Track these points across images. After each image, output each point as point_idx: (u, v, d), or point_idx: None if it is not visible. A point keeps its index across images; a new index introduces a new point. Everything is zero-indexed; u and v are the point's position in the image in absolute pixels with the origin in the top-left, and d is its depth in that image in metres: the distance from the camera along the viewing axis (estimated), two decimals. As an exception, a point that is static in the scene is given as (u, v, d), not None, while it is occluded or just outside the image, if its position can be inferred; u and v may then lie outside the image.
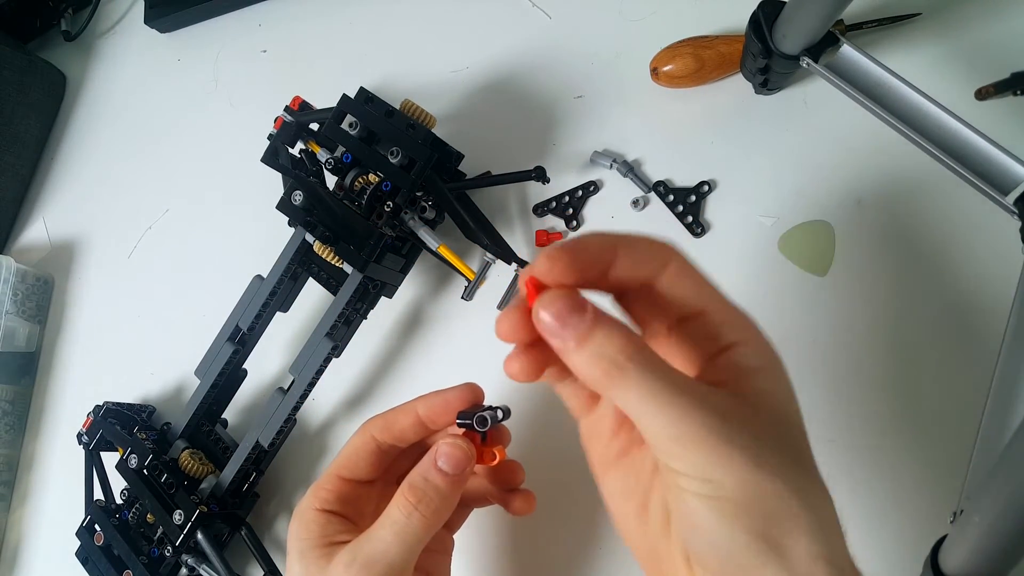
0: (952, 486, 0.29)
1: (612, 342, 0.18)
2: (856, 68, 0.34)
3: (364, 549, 0.24)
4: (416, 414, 0.27)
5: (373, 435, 0.27)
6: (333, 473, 0.27)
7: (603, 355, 0.18)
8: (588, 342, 0.19)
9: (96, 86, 0.67)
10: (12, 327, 0.55)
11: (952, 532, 0.25)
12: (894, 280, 0.35)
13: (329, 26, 0.57)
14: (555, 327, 0.19)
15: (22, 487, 0.54)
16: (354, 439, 0.28)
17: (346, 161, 0.41)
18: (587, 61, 0.46)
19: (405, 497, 0.25)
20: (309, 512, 0.27)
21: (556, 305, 0.19)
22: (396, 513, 0.25)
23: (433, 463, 0.25)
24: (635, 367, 0.18)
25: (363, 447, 0.27)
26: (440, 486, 0.25)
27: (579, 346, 0.19)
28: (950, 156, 0.31)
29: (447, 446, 0.25)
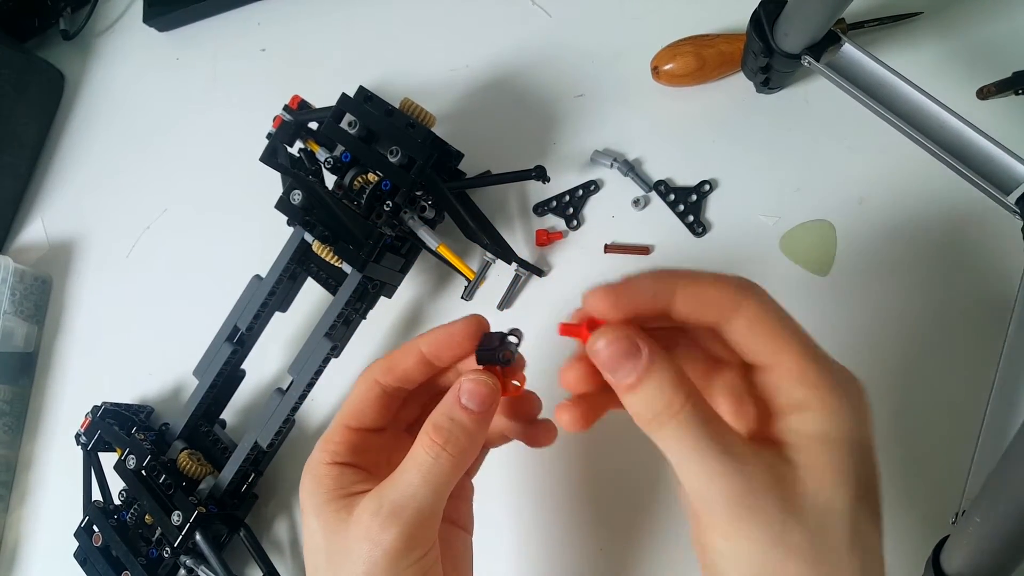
0: (954, 487, 0.29)
1: (662, 393, 0.19)
2: (858, 67, 0.34)
3: (390, 495, 0.23)
4: (420, 352, 0.25)
5: (377, 379, 0.25)
6: (340, 423, 0.26)
7: (650, 404, 0.19)
8: (640, 387, 0.19)
9: (95, 85, 0.66)
10: (10, 327, 0.55)
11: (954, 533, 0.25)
12: (896, 280, 0.35)
13: (328, 24, 0.56)
14: (610, 366, 0.19)
15: (20, 488, 0.54)
16: (358, 386, 0.26)
17: (345, 160, 0.41)
18: (587, 59, 0.46)
19: (431, 438, 0.23)
20: (320, 467, 0.25)
21: (611, 348, 0.19)
22: (422, 455, 0.23)
23: (457, 400, 0.23)
24: (676, 423, 0.19)
25: (368, 393, 0.26)
26: (467, 424, 0.23)
27: (630, 391, 0.19)
28: (952, 155, 0.31)
29: (471, 382, 0.23)
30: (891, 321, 0.35)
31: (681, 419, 0.19)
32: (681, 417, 0.19)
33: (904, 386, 0.34)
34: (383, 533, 0.22)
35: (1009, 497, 0.21)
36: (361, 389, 0.26)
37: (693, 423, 0.18)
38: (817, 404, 0.19)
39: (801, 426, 0.19)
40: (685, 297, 0.19)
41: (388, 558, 0.22)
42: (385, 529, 0.22)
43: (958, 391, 0.33)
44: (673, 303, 0.19)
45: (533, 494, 0.39)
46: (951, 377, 0.33)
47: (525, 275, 0.42)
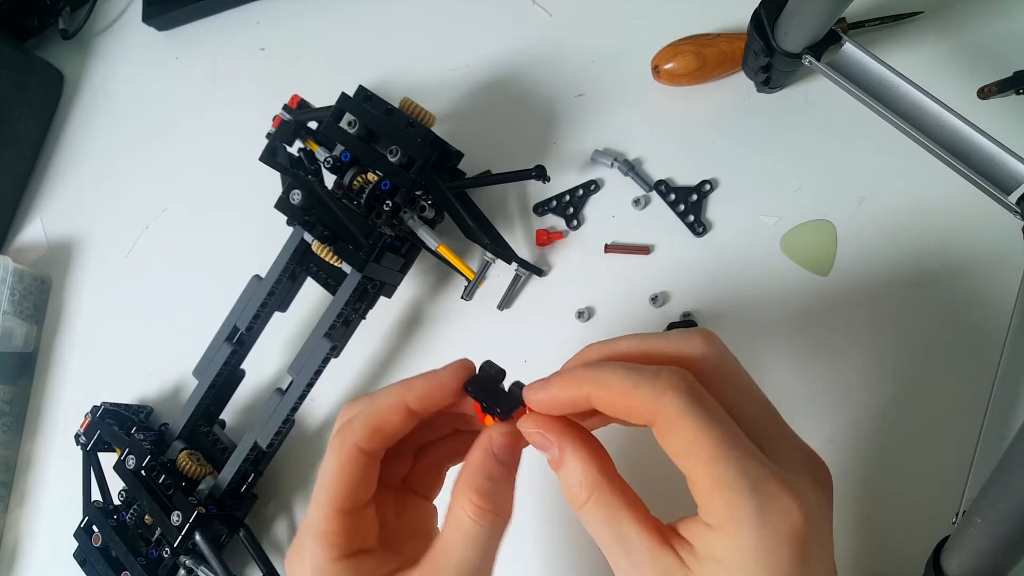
0: (954, 487, 0.29)
1: (570, 485, 0.20)
2: (858, 66, 0.34)
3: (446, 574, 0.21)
4: (406, 408, 0.23)
5: (360, 448, 0.22)
6: (333, 509, 0.22)
7: (569, 487, 0.21)
8: (560, 470, 0.21)
9: (94, 85, 0.66)
10: (9, 327, 0.55)
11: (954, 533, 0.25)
12: (896, 280, 0.35)
13: (328, 24, 0.56)
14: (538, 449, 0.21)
15: (20, 488, 0.54)
16: (337, 456, 0.23)
17: (345, 160, 0.41)
18: (588, 59, 0.46)
19: (475, 504, 0.21)
20: (329, 566, 0.22)
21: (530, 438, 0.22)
22: (469, 524, 0.21)
23: (493, 457, 0.22)
24: (583, 512, 0.20)
25: (353, 464, 0.22)
26: (506, 478, 0.22)
27: (556, 469, 0.21)
28: (952, 155, 0.31)
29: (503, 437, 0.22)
30: (891, 321, 0.35)
31: (585, 511, 0.20)
32: (585, 509, 0.20)
33: (904, 386, 0.34)
34: None
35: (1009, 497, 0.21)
36: (344, 462, 0.22)
37: (596, 516, 0.20)
38: (717, 528, 0.18)
39: (707, 543, 0.19)
40: (597, 404, 0.20)
41: None
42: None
43: (958, 391, 0.33)
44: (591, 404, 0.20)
45: (533, 493, 0.39)
46: (951, 377, 0.33)
47: (525, 275, 0.42)
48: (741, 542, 0.18)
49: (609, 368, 0.20)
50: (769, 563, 0.18)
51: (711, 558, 0.19)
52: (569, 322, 0.40)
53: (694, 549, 0.19)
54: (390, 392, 0.23)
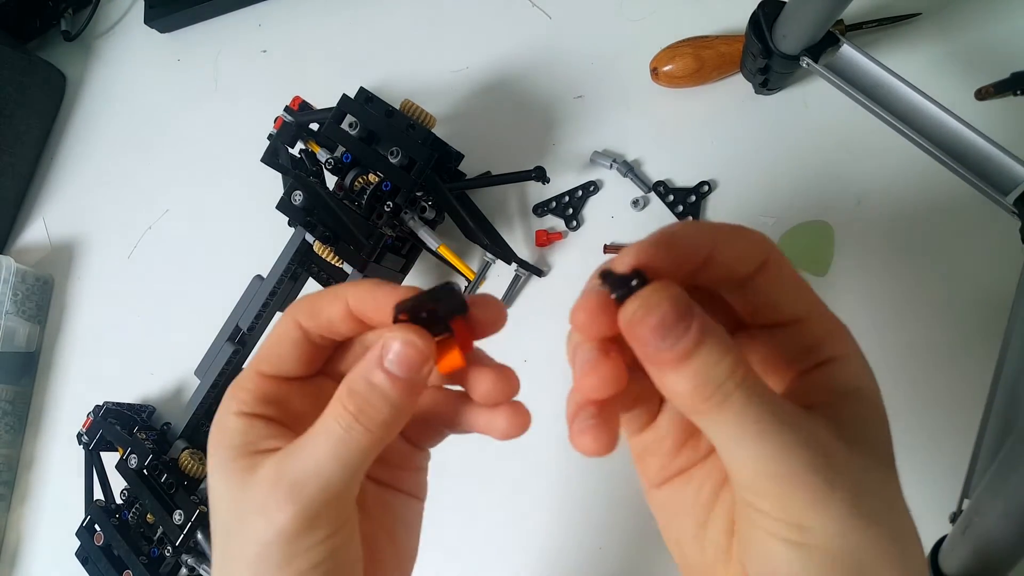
0: (952, 487, 0.29)
1: (722, 363, 0.15)
2: (856, 68, 0.34)
3: (293, 465, 0.19)
4: (345, 303, 0.20)
5: (299, 321, 0.21)
6: (253, 369, 0.21)
7: (709, 378, 0.15)
8: (692, 359, 0.15)
9: (96, 86, 0.67)
10: (12, 327, 0.55)
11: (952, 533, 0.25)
12: (894, 280, 0.35)
13: (329, 26, 0.56)
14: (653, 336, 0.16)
15: (22, 487, 0.54)
16: (276, 327, 0.21)
17: (346, 161, 0.41)
18: (587, 61, 0.46)
19: (343, 404, 0.19)
20: (227, 417, 0.21)
21: (662, 308, 0.15)
22: (332, 424, 0.19)
23: (379, 362, 0.19)
24: (741, 395, 0.16)
25: (287, 335, 0.21)
26: (388, 392, 0.19)
27: (680, 363, 0.16)
28: (950, 156, 0.31)
29: (398, 341, 0.19)
30: (889, 321, 0.35)
31: (742, 392, 0.15)
32: (741, 391, 0.15)
33: (903, 386, 0.34)
34: (278, 511, 0.19)
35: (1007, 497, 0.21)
36: (279, 330, 0.21)
37: (757, 393, 0.16)
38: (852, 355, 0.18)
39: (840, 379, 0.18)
40: (725, 246, 0.17)
41: (282, 539, 0.19)
42: (281, 507, 0.19)
43: (956, 391, 0.33)
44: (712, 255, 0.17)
45: (532, 493, 0.39)
46: (949, 377, 0.33)
47: (525, 275, 0.43)
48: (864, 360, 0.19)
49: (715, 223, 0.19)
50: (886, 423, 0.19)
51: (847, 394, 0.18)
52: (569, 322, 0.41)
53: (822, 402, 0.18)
54: (339, 285, 0.22)
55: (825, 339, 0.18)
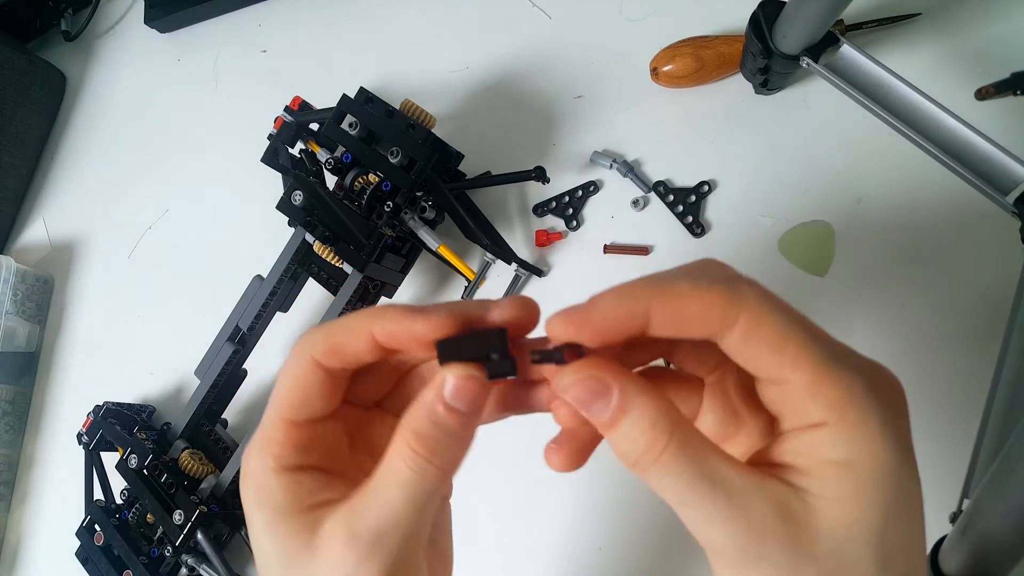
0: (952, 487, 0.29)
1: (641, 433, 0.16)
2: (856, 68, 0.34)
3: (367, 518, 0.18)
4: (371, 336, 0.19)
5: (317, 360, 0.20)
6: (279, 419, 0.20)
7: (630, 449, 0.17)
8: (617, 428, 0.17)
9: (96, 86, 0.67)
10: (12, 327, 0.55)
11: (952, 532, 0.25)
12: (894, 280, 0.35)
13: (329, 26, 0.56)
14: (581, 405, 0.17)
15: (22, 487, 0.54)
16: (292, 368, 0.20)
17: (346, 161, 0.41)
18: (587, 61, 0.46)
19: (411, 448, 0.18)
20: (265, 475, 0.20)
21: (577, 388, 0.17)
22: (403, 468, 0.18)
23: (441, 400, 0.18)
24: (662, 465, 0.16)
25: (310, 377, 0.20)
26: (455, 429, 0.18)
27: (607, 430, 0.17)
28: (950, 156, 0.31)
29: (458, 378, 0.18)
30: (889, 321, 0.35)
31: (667, 459, 0.16)
32: (665, 457, 0.16)
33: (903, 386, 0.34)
34: (361, 567, 0.18)
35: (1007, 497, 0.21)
36: (298, 373, 0.20)
37: (682, 463, 0.16)
38: (835, 421, 0.16)
39: (815, 448, 0.16)
40: (661, 316, 0.17)
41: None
42: (364, 563, 0.18)
43: (956, 392, 0.33)
44: (649, 323, 0.17)
45: (532, 492, 0.39)
46: (949, 377, 0.33)
47: (525, 275, 0.43)
48: (865, 426, 0.16)
49: (670, 275, 0.17)
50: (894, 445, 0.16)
51: (829, 464, 0.16)
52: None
53: (798, 467, 0.16)
54: (359, 315, 0.20)
55: (810, 404, 0.16)
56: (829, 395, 0.16)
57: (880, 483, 0.16)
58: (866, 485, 0.16)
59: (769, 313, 0.16)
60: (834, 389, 0.16)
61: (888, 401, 0.17)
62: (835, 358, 0.16)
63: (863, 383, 0.16)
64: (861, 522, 0.16)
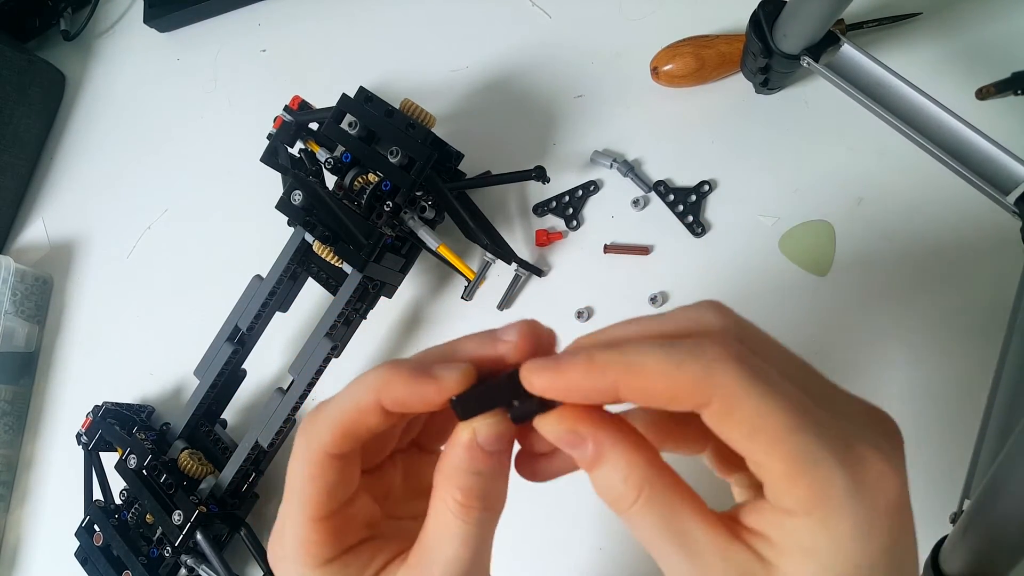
0: (952, 487, 0.29)
1: (618, 487, 0.17)
2: (857, 68, 0.34)
3: None
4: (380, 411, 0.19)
5: (329, 453, 0.19)
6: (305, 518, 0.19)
7: (608, 493, 0.17)
8: (597, 471, 0.17)
9: (95, 86, 0.67)
10: (11, 327, 0.55)
11: (953, 533, 0.25)
12: (894, 280, 0.35)
13: (329, 26, 0.56)
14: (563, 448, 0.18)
15: (21, 487, 0.54)
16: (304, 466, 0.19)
17: (346, 161, 0.41)
18: (587, 60, 0.46)
19: (459, 503, 0.19)
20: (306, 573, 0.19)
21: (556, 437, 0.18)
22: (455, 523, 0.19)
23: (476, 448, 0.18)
24: (632, 514, 0.17)
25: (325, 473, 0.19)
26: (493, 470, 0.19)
27: (589, 471, 0.18)
28: (951, 156, 0.31)
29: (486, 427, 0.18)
30: (890, 321, 0.35)
31: (636, 511, 0.17)
32: (636, 508, 0.17)
33: (903, 387, 0.34)
34: None
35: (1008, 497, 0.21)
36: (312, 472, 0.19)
37: (650, 517, 0.17)
38: (803, 514, 0.15)
39: (788, 531, 0.16)
40: (628, 392, 0.16)
41: None
42: None
43: (957, 391, 0.33)
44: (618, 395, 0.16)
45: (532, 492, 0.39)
46: (950, 378, 0.33)
47: (525, 275, 0.42)
48: (837, 525, 0.15)
49: (638, 347, 0.16)
50: (870, 544, 0.15)
51: (797, 549, 0.16)
52: (569, 322, 0.41)
53: (771, 540, 0.16)
54: (363, 387, 0.19)
55: (783, 493, 0.16)
56: (799, 492, 0.15)
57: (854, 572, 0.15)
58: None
59: (744, 397, 0.15)
60: (805, 487, 0.15)
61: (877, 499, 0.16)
62: (816, 448, 0.15)
63: (842, 480, 0.15)
64: None
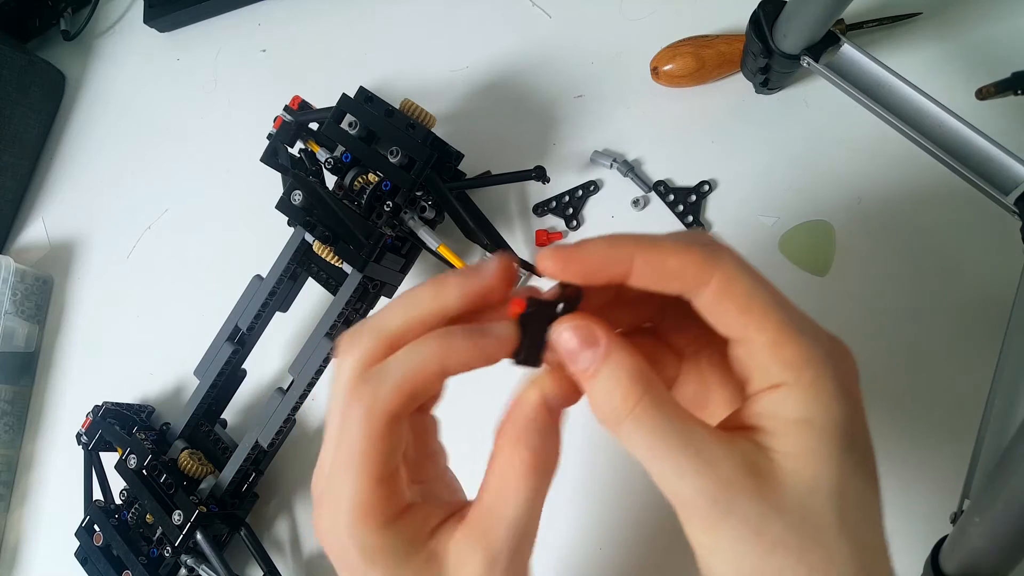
0: (953, 487, 0.29)
1: (618, 384, 0.17)
2: (857, 67, 0.34)
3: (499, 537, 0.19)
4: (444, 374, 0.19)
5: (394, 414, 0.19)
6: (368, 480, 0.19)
7: (605, 401, 0.18)
8: (596, 377, 0.18)
9: (95, 86, 0.67)
10: (11, 327, 0.55)
11: (953, 533, 0.25)
12: (894, 280, 0.35)
13: (329, 25, 0.56)
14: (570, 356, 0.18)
15: (21, 487, 0.54)
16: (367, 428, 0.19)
17: (346, 161, 0.41)
18: (587, 60, 0.46)
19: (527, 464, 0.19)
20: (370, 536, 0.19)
21: (569, 336, 0.18)
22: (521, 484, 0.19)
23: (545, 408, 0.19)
24: (634, 418, 0.17)
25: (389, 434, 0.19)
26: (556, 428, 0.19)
27: (587, 382, 0.18)
28: (951, 156, 0.31)
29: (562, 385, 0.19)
30: (890, 321, 0.35)
31: (639, 413, 0.17)
32: (639, 411, 0.17)
33: (903, 386, 0.34)
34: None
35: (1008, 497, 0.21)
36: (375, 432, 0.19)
37: (654, 416, 0.17)
38: (793, 381, 0.17)
39: (776, 408, 0.17)
40: (643, 266, 0.18)
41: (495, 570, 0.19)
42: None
43: (957, 391, 0.33)
44: (630, 272, 0.18)
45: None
46: (950, 377, 0.33)
47: (525, 275, 0.42)
48: (823, 386, 0.17)
49: (653, 234, 0.18)
50: (848, 404, 0.17)
51: (789, 422, 0.17)
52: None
53: (763, 428, 0.17)
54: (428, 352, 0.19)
55: (772, 364, 0.17)
56: (788, 356, 0.17)
57: (836, 439, 0.17)
58: (824, 440, 0.17)
59: (740, 276, 0.18)
60: (793, 350, 0.17)
61: (846, 365, 0.18)
62: (797, 324, 0.17)
63: (820, 348, 0.17)
64: (821, 475, 0.17)
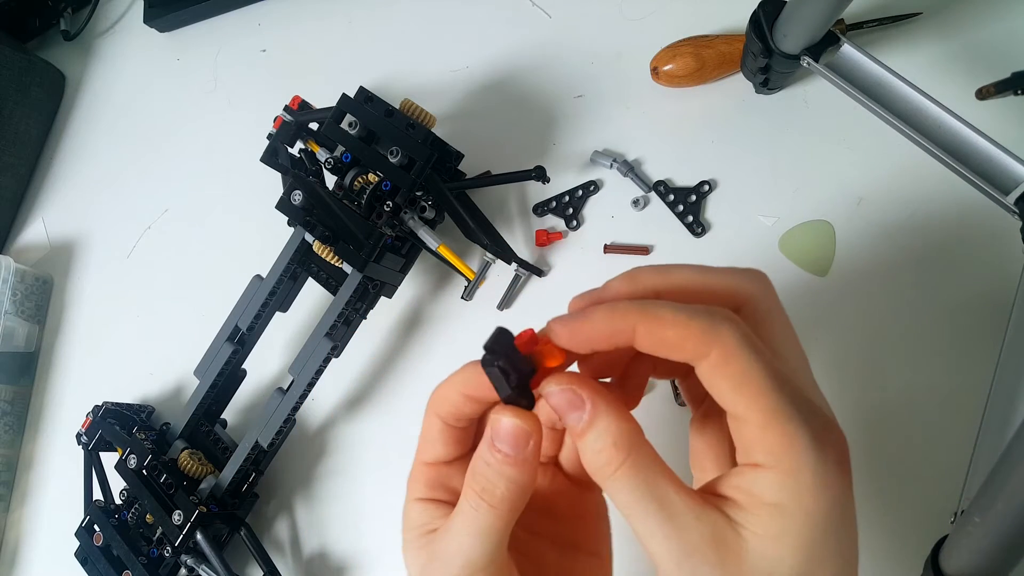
0: (953, 486, 0.29)
1: (603, 447, 0.19)
2: (857, 67, 0.34)
3: (439, 546, 0.21)
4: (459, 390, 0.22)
5: (436, 412, 0.23)
6: (417, 460, 0.24)
7: (594, 456, 0.19)
8: (584, 437, 0.19)
9: (95, 86, 0.67)
10: (11, 327, 0.55)
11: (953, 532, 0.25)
12: (895, 280, 0.35)
13: (329, 25, 0.56)
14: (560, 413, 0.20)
15: (21, 487, 0.54)
16: (423, 418, 0.24)
17: (346, 161, 0.41)
18: (587, 60, 0.46)
19: (470, 486, 0.21)
20: (408, 504, 0.24)
21: (557, 397, 0.20)
22: (464, 504, 0.21)
23: (490, 443, 0.21)
24: (616, 479, 0.19)
25: (431, 427, 0.23)
26: (504, 471, 0.20)
27: (578, 438, 0.19)
28: (951, 156, 0.31)
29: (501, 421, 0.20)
30: (890, 321, 0.35)
31: (620, 475, 0.19)
32: (620, 473, 0.19)
33: (903, 386, 0.34)
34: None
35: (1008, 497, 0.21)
36: (425, 424, 0.24)
37: (633, 480, 0.19)
38: (773, 464, 0.18)
39: (753, 486, 0.18)
40: (644, 336, 0.19)
41: None
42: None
43: (957, 391, 0.33)
44: (634, 340, 0.19)
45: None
46: (950, 377, 0.33)
47: (525, 275, 0.42)
48: (799, 476, 0.17)
49: (657, 302, 0.19)
50: (825, 496, 0.18)
51: (762, 504, 0.18)
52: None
53: (738, 502, 0.18)
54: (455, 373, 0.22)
55: (756, 446, 0.18)
56: (771, 441, 0.18)
57: (808, 527, 0.18)
58: (792, 528, 0.18)
59: (738, 352, 0.18)
60: (776, 437, 0.18)
61: (831, 456, 0.18)
62: (789, 407, 0.18)
63: (806, 436, 0.18)
64: (784, 560, 0.18)
